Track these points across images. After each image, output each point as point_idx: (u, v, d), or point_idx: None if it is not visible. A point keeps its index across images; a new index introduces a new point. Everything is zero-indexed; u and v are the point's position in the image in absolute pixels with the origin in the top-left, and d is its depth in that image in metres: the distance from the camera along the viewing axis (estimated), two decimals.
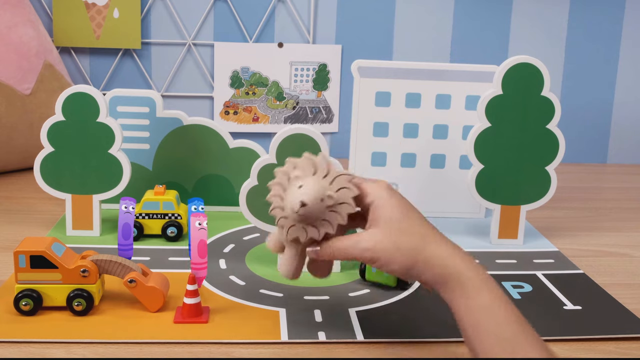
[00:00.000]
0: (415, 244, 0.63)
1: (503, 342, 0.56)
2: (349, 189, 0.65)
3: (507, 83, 0.96)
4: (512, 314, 0.58)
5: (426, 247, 0.62)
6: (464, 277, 0.60)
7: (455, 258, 0.62)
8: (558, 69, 1.54)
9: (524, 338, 0.56)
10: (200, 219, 0.75)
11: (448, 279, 0.61)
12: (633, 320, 0.78)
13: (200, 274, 0.76)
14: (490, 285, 0.60)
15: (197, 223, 0.75)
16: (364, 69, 1.07)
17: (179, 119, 1.07)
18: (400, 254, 0.62)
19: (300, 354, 0.69)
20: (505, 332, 0.57)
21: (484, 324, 0.58)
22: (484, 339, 0.57)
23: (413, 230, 0.63)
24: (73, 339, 0.69)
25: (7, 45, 1.26)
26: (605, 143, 1.60)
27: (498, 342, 0.57)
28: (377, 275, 0.84)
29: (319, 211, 0.64)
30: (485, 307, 0.58)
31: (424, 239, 0.63)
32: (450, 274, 0.61)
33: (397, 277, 0.83)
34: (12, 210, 1.10)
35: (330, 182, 0.65)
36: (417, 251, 0.62)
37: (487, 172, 0.99)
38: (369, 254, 0.63)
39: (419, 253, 0.62)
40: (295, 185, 0.65)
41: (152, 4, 1.46)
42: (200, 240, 0.75)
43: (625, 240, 1.06)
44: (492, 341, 0.57)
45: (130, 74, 1.49)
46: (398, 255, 0.62)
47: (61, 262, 0.73)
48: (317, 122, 1.53)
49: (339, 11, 1.49)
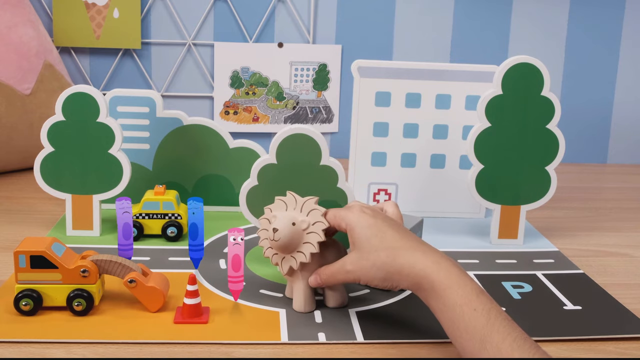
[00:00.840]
0: (386, 257, 0.69)
1: (474, 337, 0.61)
2: (317, 209, 0.75)
3: (507, 83, 0.95)
4: (482, 308, 0.62)
5: (396, 258, 0.68)
6: (433, 280, 0.65)
7: (426, 262, 0.67)
8: (558, 69, 1.54)
9: (494, 330, 0.60)
10: (235, 234, 0.76)
11: (420, 283, 0.67)
12: (633, 320, 0.78)
13: (234, 287, 0.77)
14: (459, 283, 0.64)
15: (232, 238, 0.76)
16: (364, 69, 1.07)
17: (179, 119, 1.07)
18: (377, 269, 0.69)
19: (300, 354, 0.69)
20: (474, 326, 0.61)
21: (455, 322, 0.63)
22: (458, 335, 0.62)
23: (384, 246, 0.70)
24: (73, 339, 0.69)
25: (7, 45, 1.26)
26: (605, 143, 1.60)
27: (470, 337, 0.61)
28: None
29: (296, 235, 0.74)
30: (453, 305, 0.63)
31: (394, 251, 0.69)
32: (422, 278, 0.66)
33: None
34: (12, 210, 1.10)
35: (300, 210, 0.75)
36: (389, 264, 0.69)
37: (487, 172, 0.99)
38: (352, 276, 0.72)
39: (391, 265, 0.68)
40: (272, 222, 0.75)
41: (152, 4, 1.46)
42: (235, 254, 0.76)
43: (625, 240, 1.06)
44: (465, 336, 0.62)
45: (130, 74, 1.49)
46: (374, 270, 0.69)
47: (61, 262, 0.73)
48: (317, 122, 1.53)
49: (339, 11, 1.49)
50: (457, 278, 0.65)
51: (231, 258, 0.76)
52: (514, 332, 0.60)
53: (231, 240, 0.76)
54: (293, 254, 0.75)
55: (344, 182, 0.87)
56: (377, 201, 1.11)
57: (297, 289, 0.77)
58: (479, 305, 0.62)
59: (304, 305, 0.77)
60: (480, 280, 0.87)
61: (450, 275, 0.65)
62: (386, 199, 1.11)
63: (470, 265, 0.92)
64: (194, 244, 0.85)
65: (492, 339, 0.60)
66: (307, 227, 0.75)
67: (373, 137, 1.09)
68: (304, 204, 0.76)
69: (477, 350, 0.60)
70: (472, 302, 0.63)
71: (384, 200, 1.11)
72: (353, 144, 1.09)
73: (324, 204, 0.84)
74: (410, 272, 0.67)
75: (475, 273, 0.90)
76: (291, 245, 0.75)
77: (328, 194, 0.87)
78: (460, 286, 0.64)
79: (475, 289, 0.64)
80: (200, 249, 0.86)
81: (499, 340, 0.59)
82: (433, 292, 0.65)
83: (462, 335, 0.62)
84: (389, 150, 1.10)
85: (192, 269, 0.88)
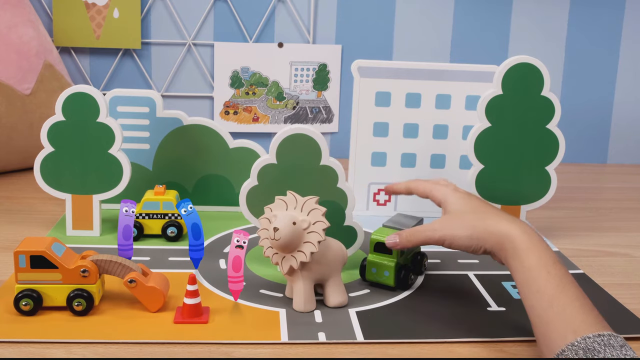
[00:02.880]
0: (475, 218, 0.76)
1: (543, 297, 0.65)
2: (317, 209, 0.76)
3: (507, 83, 0.96)
4: (556, 274, 0.66)
5: (485, 219, 0.75)
6: (516, 241, 0.70)
7: (510, 225, 0.72)
8: (558, 69, 1.54)
9: (563, 293, 0.64)
10: (240, 236, 0.76)
11: (503, 243, 0.71)
12: (633, 320, 0.78)
13: (234, 287, 0.77)
14: (539, 248, 0.69)
15: (237, 240, 0.76)
16: (364, 69, 1.07)
17: (179, 119, 1.07)
18: (464, 228, 0.75)
19: (300, 354, 0.69)
20: (546, 287, 0.65)
21: (530, 282, 0.67)
22: (530, 294, 0.66)
23: (474, 210, 0.78)
24: (73, 339, 0.69)
25: (7, 45, 1.26)
26: (605, 143, 1.60)
27: (540, 296, 0.65)
28: (377, 275, 0.84)
29: (297, 234, 0.74)
30: (531, 267, 0.68)
31: (483, 214, 0.76)
32: (505, 237, 0.71)
33: (396, 277, 0.83)
34: (12, 210, 1.10)
35: (300, 209, 0.76)
36: (477, 224, 0.74)
37: (487, 172, 0.99)
38: (438, 234, 0.76)
39: (479, 225, 0.74)
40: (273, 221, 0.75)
41: (152, 4, 1.46)
42: (236, 256, 0.76)
43: (625, 240, 1.06)
44: (536, 296, 0.66)
45: (130, 74, 1.49)
46: (462, 229, 0.75)
47: (61, 262, 0.73)
48: (317, 122, 1.53)
49: (339, 11, 1.49)
50: (538, 243, 0.70)
51: (232, 259, 0.76)
52: (583, 299, 0.64)
53: (235, 242, 0.76)
54: (293, 253, 0.75)
55: (344, 182, 0.87)
56: (376, 201, 1.11)
57: (297, 289, 0.77)
58: (553, 270, 0.67)
59: (304, 305, 0.77)
60: (481, 280, 0.87)
61: (531, 240, 0.70)
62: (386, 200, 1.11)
63: (470, 265, 0.93)
64: (195, 244, 0.85)
65: (560, 300, 0.64)
66: (308, 226, 0.75)
67: (373, 137, 1.09)
68: (304, 203, 0.76)
69: (544, 308, 0.64)
70: (548, 266, 0.67)
71: (384, 200, 1.11)
72: (353, 144, 1.09)
73: (324, 204, 0.84)
74: (495, 230, 0.72)
75: (475, 273, 0.90)
76: (291, 244, 0.75)
77: (328, 194, 0.87)
78: (539, 250, 0.69)
79: (553, 257, 0.69)
80: (201, 249, 0.86)
81: (566, 302, 0.64)
82: (514, 252, 0.70)
83: (533, 295, 0.66)
84: (389, 150, 1.10)
85: (192, 269, 0.88)
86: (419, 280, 0.87)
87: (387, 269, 0.83)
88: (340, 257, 0.79)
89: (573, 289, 0.65)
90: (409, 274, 0.84)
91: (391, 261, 0.83)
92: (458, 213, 0.78)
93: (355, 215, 0.90)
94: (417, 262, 0.87)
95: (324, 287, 0.79)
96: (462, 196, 0.80)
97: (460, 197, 0.80)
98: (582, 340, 0.60)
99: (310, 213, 0.76)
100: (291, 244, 0.75)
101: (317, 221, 0.75)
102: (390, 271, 0.83)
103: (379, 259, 0.83)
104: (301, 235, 0.75)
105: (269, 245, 0.77)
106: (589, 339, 0.60)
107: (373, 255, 0.84)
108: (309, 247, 0.75)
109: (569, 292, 0.65)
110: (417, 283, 0.86)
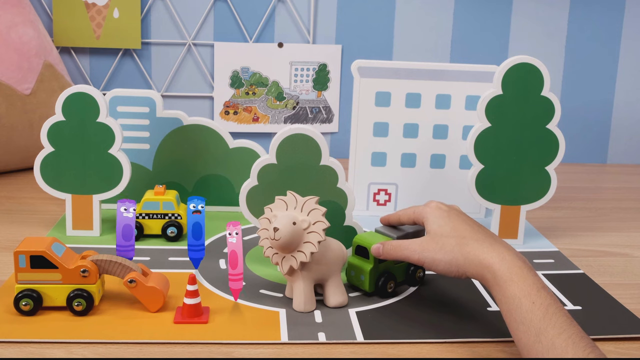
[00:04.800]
0: (455, 244, 0.73)
1: (529, 329, 0.62)
2: (317, 209, 0.76)
3: (507, 83, 0.95)
4: (541, 303, 0.63)
5: (464, 246, 0.72)
6: (495, 271, 0.68)
7: (491, 254, 0.69)
8: (558, 69, 1.54)
9: (550, 325, 0.61)
10: (230, 228, 0.76)
11: (483, 273, 0.69)
12: (633, 320, 0.78)
13: (233, 285, 0.77)
14: (520, 277, 0.66)
15: (228, 233, 0.77)
16: (364, 69, 1.07)
17: (179, 119, 1.07)
18: (444, 253, 0.72)
19: (300, 354, 0.69)
20: (531, 319, 0.63)
21: (513, 313, 0.64)
22: (515, 326, 0.64)
23: (455, 234, 0.74)
24: (73, 339, 0.69)
25: (7, 45, 1.26)
26: (605, 143, 1.60)
27: (526, 328, 0.63)
28: (354, 278, 0.82)
29: (297, 234, 0.74)
30: (512, 297, 0.65)
31: (463, 240, 0.73)
32: (485, 268, 0.69)
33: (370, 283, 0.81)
34: (12, 210, 1.10)
35: (300, 209, 0.76)
36: (457, 250, 0.72)
37: (487, 172, 0.99)
38: (416, 256, 0.75)
39: (458, 252, 0.72)
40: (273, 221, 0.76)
41: (152, 4, 1.46)
42: (232, 251, 0.76)
43: (625, 240, 1.06)
44: (521, 328, 0.63)
45: (130, 74, 1.49)
46: (442, 254, 0.73)
47: (61, 262, 0.73)
48: (317, 122, 1.53)
49: (339, 11, 1.49)
50: (519, 271, 0.67)
51: (229, 254, 0.77)
52: (571, 329, 0.61)
53: (228, 235, 0.77)
54: (293, 253, 0.75)
55: (344, 182, 0.87)
56: (376, 201, 1.11)
57: (297, 289, 0.77)
58: (538, 300, 0.64)
59: (304, 305, 0.77)
60: None
61: (512, 268, 0.67)
62: (386, 200, 1.11)
63: None
64: (196, 244, 0.85)
65: (548, 333, 0.61)
66: (308, 226, 0.75)
67: (373, 137, 1.09)
68: (304, 203, 0.76)
69: (532, 343, 0.62)
70: (532, 295, 0.64)
71: (384, 200, 1.11)
72: (353, 144, 1.09)
73: (324, 204, 0.84)
74: (474, 260, 0.70)
75: None
76: (292, 244, 0.75)
77: (328, 194, 0.87)
78: (521, 279, 0.66)
79: (537, 283, 0.66)
80: (201, 249, 0.86)
81: (554, 335, 0.60)
82: (495, 282, 0.68)
83: (518, 326, 0.63)
84: (389, 150, 1.10)
85: (192, 269, 0.88)
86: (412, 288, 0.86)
87: (363, 273, 0.81)
88: (340, 257, 0.79)
89: (561, 319, 0.62)
90: (389, 281, 0.82)
91: (367, 265, 0.81)
92: (437, 236, 0.75)
93: (355, 215, 0.90)
94: (410, 273, 0.85)
95: (324, 287, 0.79)
96: (441, 215, 0.77)
97: (439, 216, 0.77)
98: None
99: (310, 213, 0.76)
100: (291, 244, 0.75)
101: (317, 221, 0.75)
102: (365, 276, 0.81)
103: (357, 262, 0.82)
104: (301, 235, 0.75)
105: (269, 245, 0.77)
106: None
107: (354, 257, 0.83)
108: (309, 247, 0.75)
109: (556, 323, 0.61)
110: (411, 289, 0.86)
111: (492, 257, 0.69)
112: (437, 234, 0.75)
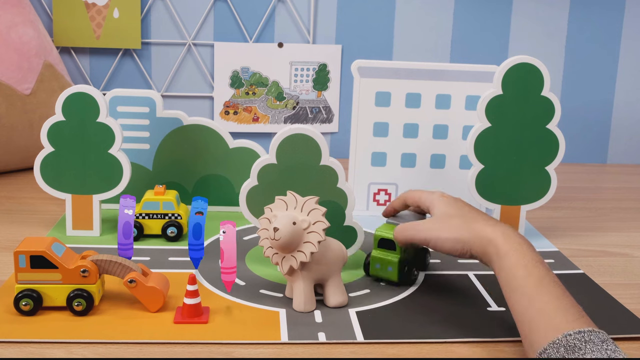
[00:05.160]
0: (461, 222, 0.77)
1: (523, 296, 0.66)
2: (317, 209, 0.76)
3: (507, 83, 0.96)
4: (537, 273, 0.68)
5: (471, 223, 0.76)
6: (498, 244, 0.72)
7: (496, 230, 0.74)
8: (558, 69, 1.54)
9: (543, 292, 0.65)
10: (225, 227, 0.76)
11: (487, 247, 0.73)
12: (633, 320, 0.78)
13: (225, 278, 0.77)
14: (519, 250, 0.71)
15: (222, 231, 0.77)
16: (364, 69, 1.07)
17: (179, 119, 1.07)
18: (450, 231, 0.76)
19: (300, 354, 0.69)
20: (524, 286, 0.67)
21: (510, 281, 0.69)
22: (510, 294, 0.68)
23: (460, 213, 0.79)
24: (73, 339, 0.69)
25: (7, 45, 1.26)
26: (605, 143, 1.60)
27: (520, 296, 0.67)
28: (381, 270, 0.84)
29: (297, 234, 0.75)
30: (510, 266, 0.69)
31: (468, 219, 0.77)
32: (490, 242, 0.73)
33: (399, 273, 0.83)
34: (12, 210, 1.10)
35: (300, 209, 0.76)
36: (463, 228, 0.76)
37: (487, 172, 0.99)
38: (422, 235, 0.78)
39: (465, 228, 0.76)
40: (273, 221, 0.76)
41: (152, 4, 1.46)
42: (221, 248, 0.76)
43: (625, 240, 1.06)
44: (516, 296, 0.67)
45: (130, 74, 1.49)
46: (447, 232, 0.76)
47: (61, 262, 0.73)
48: (317, 122, 1.53)
49: (339, 11, 1.49)
50: (518, 247, 0.71)
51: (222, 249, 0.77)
52: (564, 298, 0.65)
53: (221, 232, 0.77)
54: (293, 253, 0.76)
55: (344, 182, 0.87)
56: (376, 201, 1.11)
57: (297, 289, 0.77)
58: (534, 270, 0.68)
59: (304, 305, 0.77)
60: (481, 281, 0.87)
61: (513, 244, 0.71)
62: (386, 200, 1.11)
63: (470, 265, 0.92)
64: (196, 244, 0.85)
65: (540, 298, 0.65)
66: (308, 226, 0.75)
67: (373, 137, 1.09)
68: (304, 203, 0.76)
69: (525, 308, 0.65)
70: (528, 267, 0.68)
71: (384, 200, 1.11)
72: (353, 144, 1.09)
73: (324, 204, 0.84)
74: (480, 234, 0.74)
75: (475, 273, 0.90)
76: (292, 244, 0.75)
77: (328, 194, 0.87)
78: (520, 253, 0.70)
79: (535, 258, 0.70)
80: (201, 248, 0.86)
81: (547, 301, 0.64)
82: (496, 255, 0.71)
83: (514, 293, 0.67)
84: (389, 150, 1.10)
85: (192, 269, 0.88)
86: (420, 277, 0.87)
87: (391, 264, 0.83)
88: (340, 257, 0.79)
89: (554, 288, 0.66)
90: (412, 269, 0.85)
91: (395, 257, 0.83)
92: (444, 216, 0.79)
93: (355, 215, 0.90)
94: (421, 257, 0.89)
95: (324, 287, 0.79)
96: (448, 201, 0.82)
97: (446, 201, 0.81)
98: (562, 337, 0.60)
99: (310, 213, 0.76)
100: (291, 244, 0.75)
101: (317, 221, 0.75)
102: (393, 267, 0.83)
103: (383, 254, 0.84)
104: (301, 235, 0.75)
105: (269, 245, 0.77)
106: (570, 336, 0.60)
107: (377, 251, 0.85)
108: (309, 247, 0.75)
109: (549, 290, 0.66)
110: (419, 280, 0.86)
111: (496, 232, 0.73)
112: (445, 214, 0.79)
